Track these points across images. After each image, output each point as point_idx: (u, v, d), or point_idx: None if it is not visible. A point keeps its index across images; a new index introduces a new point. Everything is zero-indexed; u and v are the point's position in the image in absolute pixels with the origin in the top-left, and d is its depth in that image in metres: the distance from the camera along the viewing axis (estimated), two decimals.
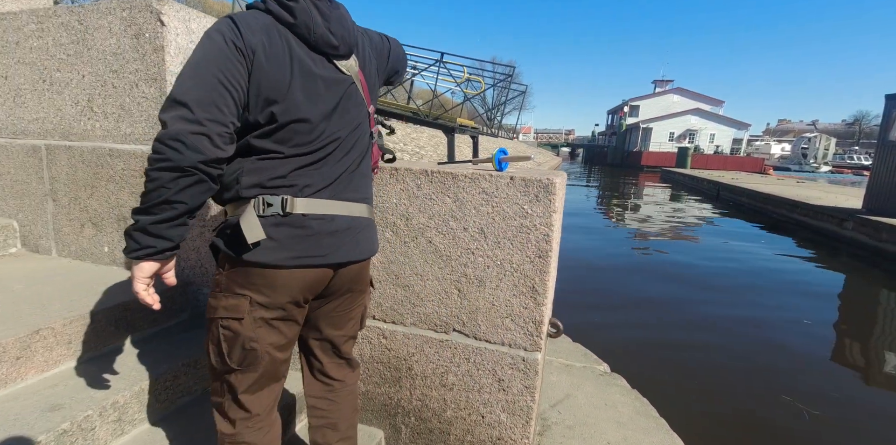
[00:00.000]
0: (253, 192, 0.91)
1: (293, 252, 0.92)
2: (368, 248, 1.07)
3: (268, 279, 0.92)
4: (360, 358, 1.53)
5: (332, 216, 0.97)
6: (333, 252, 0.97)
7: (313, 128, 0.93)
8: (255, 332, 0.94)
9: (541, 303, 1.30)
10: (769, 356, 3.70)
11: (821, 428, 2.69)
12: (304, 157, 0.94)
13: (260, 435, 1.01)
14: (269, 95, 0.88)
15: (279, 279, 0.92)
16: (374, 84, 1.11)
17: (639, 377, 2.44)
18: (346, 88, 0.99)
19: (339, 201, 0.99)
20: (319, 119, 0.94)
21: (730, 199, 14.75)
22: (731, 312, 4.70)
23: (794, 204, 10.36)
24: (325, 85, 0.95)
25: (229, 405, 0.99)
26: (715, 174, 21.14)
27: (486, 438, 1.41)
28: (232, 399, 0.99)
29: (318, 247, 0.95)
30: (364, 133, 1.05)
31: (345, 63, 0.99)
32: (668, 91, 45.88)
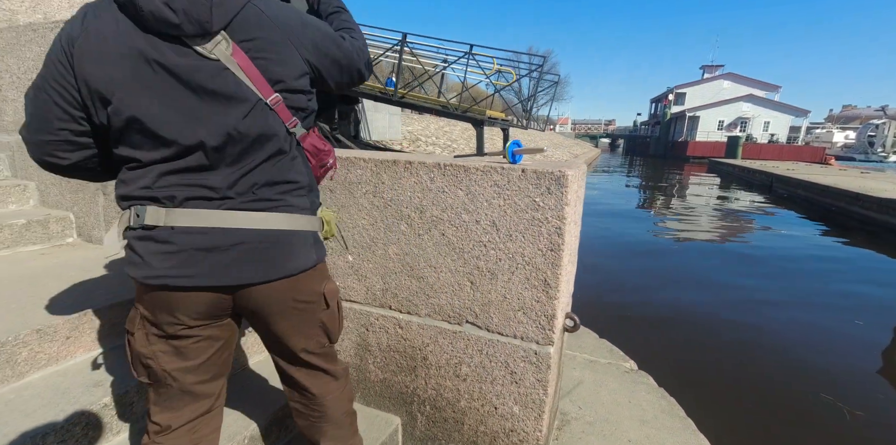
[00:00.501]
0: (124, 204, 0.84)
1: (154, 270, 0.81)
2: (287, 266, 0.89)
3: (148, 295, 0.85)
4: (377, 347, 1.58)
5: (208, 230, 0.82)
6: (217, 272, 0.83)
7: (160, 127, 0.79)
8: (149, 349, 0.89)
9: (553, 297, 1.29)
10: (812, 356, 3.49)
11: (863, 429, 2.53)
12: (171, 163, 0.81)
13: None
14: (101, 93, 0.77)
15: (156, 297, 0.85)
16: (272, 70, 0.84)
17: (668, 375, 2.36)
18: (211, 76, 0.79)
19: (235, 212, 0.83)
20: (169, 117, 0.79)
21: (784, 191, 13.83)
22: (775, 310, 4.43)
23: (856, 196, 9.58)
24: (174, 75, 0.78)
25: (148, 414, 0.95)
26: (768, 165, 19.85)
27: (499, 429, 1.42)
28: (149, 409, 0.95)
29: (189, 265, 0.82)
30: (267, 131, 0.85)
31: (208, 46, 0.79)
32: (717, 77, 43.31)
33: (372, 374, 1.61)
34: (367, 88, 8.03)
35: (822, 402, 2.81)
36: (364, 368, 1.62)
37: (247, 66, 0.81)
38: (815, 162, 25.51)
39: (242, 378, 1.55)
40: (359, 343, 1.62)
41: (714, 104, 38.48)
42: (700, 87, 43.01)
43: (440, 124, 16.26)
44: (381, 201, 1.48)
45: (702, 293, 4.91)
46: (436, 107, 7.23)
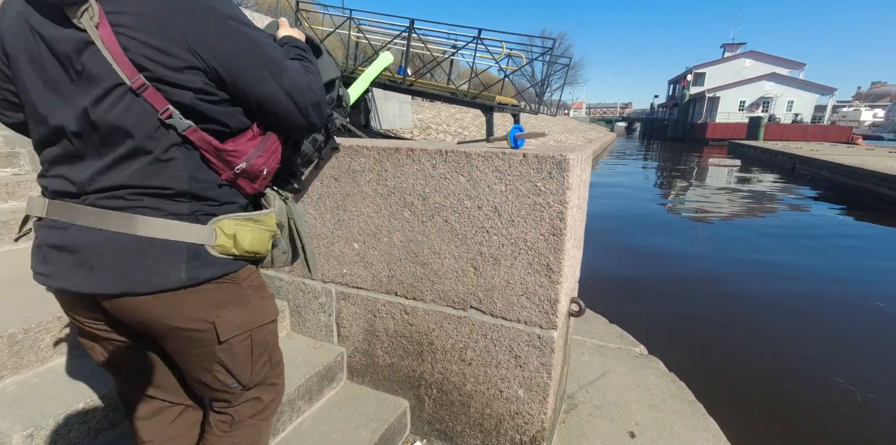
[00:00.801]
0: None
1: (31, 263, 0.79)
2: (138, 281, 0.73)
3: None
4: (384, 332, 1.61)
5: (65, 225, 0.74)
6: (63, 275, 0.75)
7: (38, 103, 0.74)
8: (82, 340, 0.90)
9: (556, 282, 1.29)
10: (826, 338, 3.44)
11: (876, 410, 2.51)
12: (49, 149, 0.77)
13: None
14: (7, 65, 0.77)
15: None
16: (136, 52, 0.69)
17: (679, 360, 2.34)
18: (76, 49, 0.69)
19: (89, 209, 0.73)
20: (45, 93, 0.73)
21: (807, 173, 13.40)
22: (791, 292, 4.34)
23: (884, 177, 9.22)
24: (48, 46, 0.71)
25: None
26: (791, 146, 19.21)
27: (505, 412, 1.45)
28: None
29: (45, 263, 0.76)
30: (123, 123, 0.71)
31: (78, 15, 0.68)
32: (738, 55, 41.69)
33: (380, 359, 1.65)
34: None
35: (834, 385, 2.78)
36: (372, 353, 1.66)
37: (109, 41, 0.68)
38: (842, 142, 24.58)
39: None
40: (366, 329, 1.65)
41: (735, 84, 37.17)
42: (720, 66, 41.52)
43: (451, 112, 16.13)
44: (384, 188, 1.49)
45: (716, 277, 4.83)
46: (445, 94, 7.15)
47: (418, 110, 13.69)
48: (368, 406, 1.56)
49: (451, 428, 1.55)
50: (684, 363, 2.33)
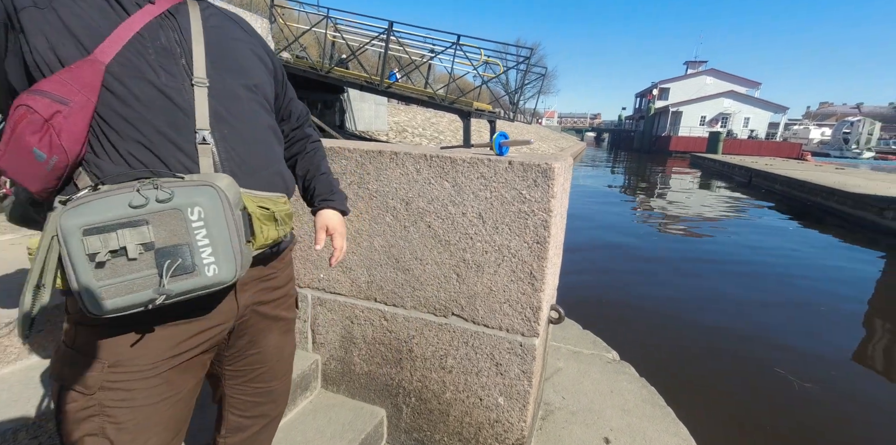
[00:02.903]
0: None
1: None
2: None
3: None
4: (362, 339, 1.57)
5: None
6: None
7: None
8: None
9: (539, 289, 1.29)
10: (776, 337, 3.74)
11: (809, 398, 2.87)
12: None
13: None
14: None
15: None
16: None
17: (649, 365, 2.41)
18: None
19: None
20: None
21: (762, 186, 14.15)
22: (753, 300, 4.60)
23: (832, 191, 9.86)
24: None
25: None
26: (748, 160, 20.26)
27: (484, 420, 1.43)
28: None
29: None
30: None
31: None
32: (700, 73, 43.81)
33: (357, 367, 1.60)
34: (352, 77, 7.90)
35: (776, 376, 3.09)
36: (349, 361, 1.61)
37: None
38: (793, 157, 26.15)
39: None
40: (343, 336, 1.60)
41: (697, 100, 39.01)
42: (684, 82, 43.50)
43: (427, 116, 16.14)
44: (366, 192, 1.46)
45: (678, 285, 5.02)
46: (423, 98, 7.15)
47: (394, 113, 13.63)
48: (344, 415, 1.52)
49: (430, 437, 1.53)
50: (651, 367, 2.40)
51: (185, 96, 0.76)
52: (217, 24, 0.85)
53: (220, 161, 0.78)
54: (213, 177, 0.72)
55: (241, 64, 0.86)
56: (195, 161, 0.75)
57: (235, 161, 0.81)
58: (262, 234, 0.80)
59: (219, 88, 0.80)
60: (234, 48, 0.86)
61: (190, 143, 0.75)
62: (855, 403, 2.88)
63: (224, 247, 0.69)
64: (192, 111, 0.76)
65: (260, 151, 0.87)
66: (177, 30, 0.78)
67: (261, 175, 0.85)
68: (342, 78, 7.83)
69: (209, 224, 0.68)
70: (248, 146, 0.84)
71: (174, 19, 0.78)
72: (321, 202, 1.05)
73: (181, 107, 0.75)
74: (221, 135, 0.79)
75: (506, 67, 7.21)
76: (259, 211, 0.80)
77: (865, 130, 36.73)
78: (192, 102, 0.76)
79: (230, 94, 0.82)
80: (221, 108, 0.80)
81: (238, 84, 0.84)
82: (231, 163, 0.80)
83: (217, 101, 0.79)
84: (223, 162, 0.79)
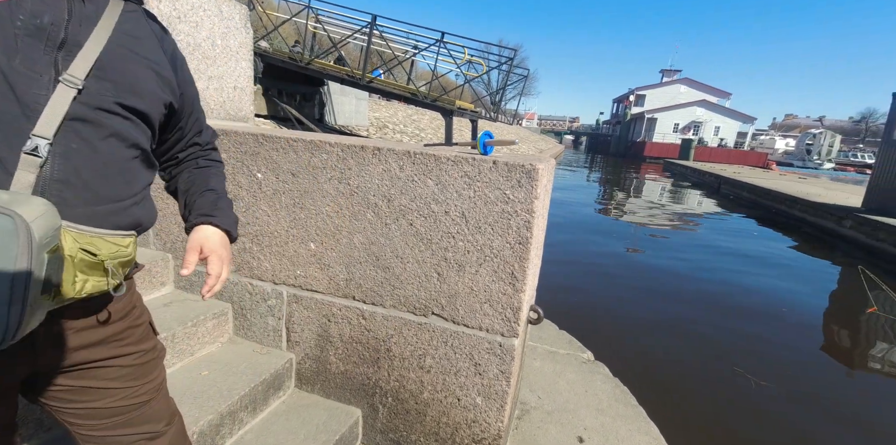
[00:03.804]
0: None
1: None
2: None
3: None
4: (339, 338, 1.54)
5: None
6: None
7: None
8: None
9: (519, 290, 1.29)
10: (740, 337, 3.94)
11: (764, 394, 3.05)
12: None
13: None
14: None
15: None
16: None
17: (621, 365, 2.46)
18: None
19: None
20: None
21: (731, 193, 14.68)
22: (719, 302, 4.80)
23: (795, 200, 10.32)
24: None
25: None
26: (717, 167, 21.00)
27: (462, 420, 1.43)
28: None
29: None
30: None
31: None
32: (675, 81, 45.13)
33: (333, 366, 1.57)
34: (333, 70, 7.76)
35: (735, 375, 3.25)
36: (325, 360, 1.58)
37: None
38: (759, 166, 27.25)
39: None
40: (320, 335, 1.57)
41: (671, 107, 40.14)
42: (659, 90, 44.70)
43: (408, 112, 16.04)
44: (346, 187, 1.43)
45: (648, 288, 5.16)
46: (405, 94, 7.10)
47: (375, 108, 13.48)
48: (318, 415, 1.48)
49: (406, 438, 1.51)
50: (626, 368, 2.45)
51: (35, 90, 0.61)
52: (130, 32, 0.73)
53: (48, 181, 0.62)
54: (22, 200, 0.54)
55: (134, 85, 0.71)
56: (9, 172, 0.59)
57: (72, 187, 0.64)
58: (72, 286, 0.61)
59: (93, 95, 0.66)
60: (135, 67, 0.72)
61: (13, 148, 0.59)
62: (804, 398, 3.11)
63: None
64: (37, 111, 0.61)
65: (115, 181, 0.70)
66: (79, 17, 0.66)
67: (103, 208, 0.68)
68: (322, 70, 7.68)
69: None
70: (102, 174, 0.68)
71: (83, 5, 0.67)
72: (198, 217, 0.85)
73: (20, 100, 0.60)
74: (65, 150, 0.63)
75: (489, 66, 7.23)
76: (81, 256, 0.62)
77: (826, 142, 38.59)
78: (44, 99, 0.62)
79: (103, 107, 0.67)
80: (85, 119, 0.65)
81: (118, 101, 0.69)
82: (64, 187, 0.63)
83: (83, 109, 0.65)
84: (52, 183, 0.62)
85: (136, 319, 0.81)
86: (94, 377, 0.75)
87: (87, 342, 0.73)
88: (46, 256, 0.55)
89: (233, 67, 2.23)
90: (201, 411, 1.26)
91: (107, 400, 0.76)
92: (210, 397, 1.32)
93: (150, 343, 0.84)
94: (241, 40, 2.35)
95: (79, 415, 0.75)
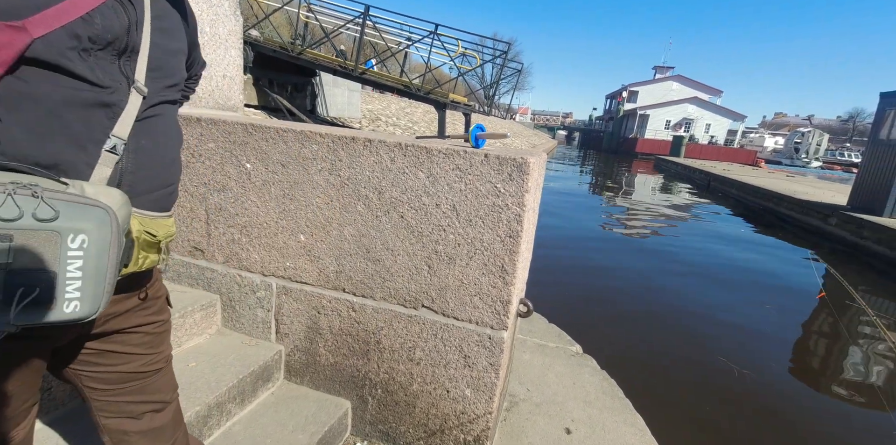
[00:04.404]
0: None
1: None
2: None
3: None
4: (329, 330, 1.53)
5: None
6: None
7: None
8: None
9: (509, 283, 1.30)
10: (724, 331, 4.04)
11: (745, 382, 3.14)
12: None
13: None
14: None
15: None
16: None
17: (608, 358, 2.49)
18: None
19: None
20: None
21: (720, 190, 14.85)
22: (704, 296, 4.90)
23: (782, 198, 10.46)
24: None
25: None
26: (707, 165, 21.20)
27: (451, 412, 1.44)
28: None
29: None
30: None
31: None
32: (668, 78, 45.34)
33: (322, 358, 1.57)
34: (325, 61, 7.66)
35: (718, 363, 3.35)
36: (314, 352, 1.57)
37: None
38: (748, 164, 27.57)
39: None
40: (309, 327, 1.56)
41: (663, 104, 40.35)
42: (651, 86, 44.86)
43: (401, 105, 15.93)
44: (337, 179, 1.42)
45: (636, 282, 5.23)
46: (398, 86, 7.04)
47: (368, 101, 13.36)
48: (307, 407, 1.48)
49: (395, 429, 1.52)
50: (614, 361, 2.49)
51: (120, 96, 0.67)
52: (162, 27, 0.75)
53: (121, 176, 0.69)
54: (105, 192, 0.61)
55: (174, 78, 0.79)
56: (91, 166, 0.65)
57: (140, 178, 0.72)
58: (136, 263, 0.71)
59: (152, 97, 0.73)
60: (173, 60, 0.79)
61: (97, 145, 0.65)
62: (783, 387, 3.21)
63: (96, 283, 0.58)
64: (118, 114, 0.67)
65: (171, 170, 0.80)
66: (134, 23, 0.68)
67: (159, 193, 0.77)
68: (315, 60, 7.58)
69: (88, 256, 0.56)
70: (161, 164, 0.77)
71: (133, 8, 0.68)
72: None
73: (110, 103, 0.66)
74: (136, 147, 0.71)
75: (483, 59, 7.19)
76: (144, 237, 0.71)
77: (815, 141, 39.14)
78: (123, 104, 0.68)
79: (159, 105, 0.75)
80: (149, 118, 0.72)
81: (167, 99, 0.77)
82: (134, 179, 0.71)
83: (147, 110, 0.72)
84: (125, 175, 0.69)
85: (158, 291, 0.88)
86: (120, 341, 0.81)
87: (122, 310, 0.80)
88: (124, 240, 0.64)
89: (222, 55, 2.19)
90: (189, 402, 1.25)
91: (127, 365, 0.82)
92: (198, 388, 1.31)
93: (167, 315, 0.91)
94: (230, 28, 2.31)
95: (99, 379, 0.81)
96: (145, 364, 0.84)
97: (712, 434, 2.58)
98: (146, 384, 0.85)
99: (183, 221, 1.68)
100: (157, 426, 0.88)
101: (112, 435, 0.85)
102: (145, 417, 0.86)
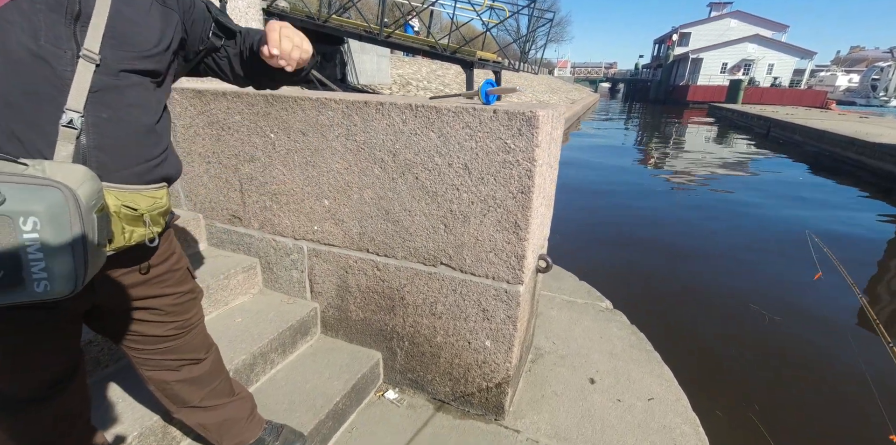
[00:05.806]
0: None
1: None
2: None
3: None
4: (357, 288, 1.64)
5: None
6: None
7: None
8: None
9: (523, 238, 1.32)
10: (758, 281, 3.91)
11: (776, 330, 3.12)
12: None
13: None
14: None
15: None
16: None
17: (640, 313, 2.48)
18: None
19: None
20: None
21: (781, 136, 13.67)
22: (740, 245, 4.71)
23: (851, 141, 9.50)
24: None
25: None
26: (768, 110, 19.40)
27: (472, 361, 1.52)
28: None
29: None
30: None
31: None
32: (724, 15, 40.81)
33: (353, 313, 1.69)
34: (351, 27, 7.53)
35: (750, 311, 3.34)
36: (345, 308, 1.69)
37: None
38: (816, 106, 24.96)
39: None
40: (339, 285, 1.67)
41: (719, 45, 36.66)
42: (706, 26, 40.68)
43: (432, 68, 15.50)
44: (353, 144, 1.46)
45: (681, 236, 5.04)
46: (424, 47, 6.84)
47: (398, 65, 13.10)
48: (342, 358, 1.62)
49: (423, 377, 1.63)
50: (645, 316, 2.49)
51: (63, 66, 0.65)
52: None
53: (87, 149, 0.68)
54: (66, 170, 0.60)
55: (141, 37, 0.74)
56: (51, 145, 0.64)
57: (108, 153, 0.70)
58: (122, 236, 0.72)
59: (110, 66, 0.69)
60: (141, 29, 0.74)
61: (51, 123, 0.64)
62: (813, 331, 3.15)
63: (61, 261, 0.59)
64: (67, 86, 0.65)
65: (147, 142, 0.77)
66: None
67: (138, 168, 0.75)
68: (340, 27, 7.47)
69: (45, 236, 0.56)
70: (130, 137, 0.74)
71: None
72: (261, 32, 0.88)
73: (56, 76, 0.64)
74: (96, 120, 0.68)
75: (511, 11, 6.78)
76: (124, 211, 0.71)
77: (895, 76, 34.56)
78: (70, 74, 0.65)
79: (121, 75, 0.71)
80: (107, 89, 0.69)
81: (133, 68, 0.73)
82: (101, 154, 0.69)
83: (104, 80, 0.68)
84: (90, 150, 0.68)
85: (175, 264, 0.94)
86: (145, 309, 0.90)
87: (135, 282, 0.86)
88: (95, 216, 0.62)
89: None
90: (235, 352, 1.40)
91: (156, 330, 0.92)
92: (243, 340, 1.47)
93: (188, 286, 0.98)
94: (248, 1, 2.32)
95: (136, 340, 0.92)
96: (174, 329, 0.95)
97: (741, 385, 2.55)
98: (179, 345, 0.97)
99: (220, 191, 1.80)
100: (196, 376, 1.02)
101: (156, 384, 1.00)
102: (183, 369, 1.00)
